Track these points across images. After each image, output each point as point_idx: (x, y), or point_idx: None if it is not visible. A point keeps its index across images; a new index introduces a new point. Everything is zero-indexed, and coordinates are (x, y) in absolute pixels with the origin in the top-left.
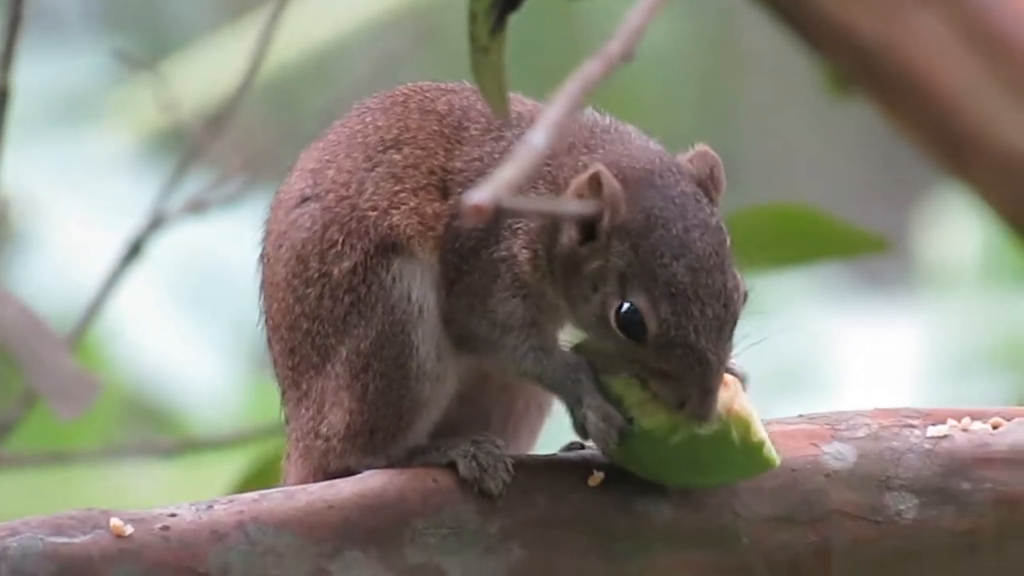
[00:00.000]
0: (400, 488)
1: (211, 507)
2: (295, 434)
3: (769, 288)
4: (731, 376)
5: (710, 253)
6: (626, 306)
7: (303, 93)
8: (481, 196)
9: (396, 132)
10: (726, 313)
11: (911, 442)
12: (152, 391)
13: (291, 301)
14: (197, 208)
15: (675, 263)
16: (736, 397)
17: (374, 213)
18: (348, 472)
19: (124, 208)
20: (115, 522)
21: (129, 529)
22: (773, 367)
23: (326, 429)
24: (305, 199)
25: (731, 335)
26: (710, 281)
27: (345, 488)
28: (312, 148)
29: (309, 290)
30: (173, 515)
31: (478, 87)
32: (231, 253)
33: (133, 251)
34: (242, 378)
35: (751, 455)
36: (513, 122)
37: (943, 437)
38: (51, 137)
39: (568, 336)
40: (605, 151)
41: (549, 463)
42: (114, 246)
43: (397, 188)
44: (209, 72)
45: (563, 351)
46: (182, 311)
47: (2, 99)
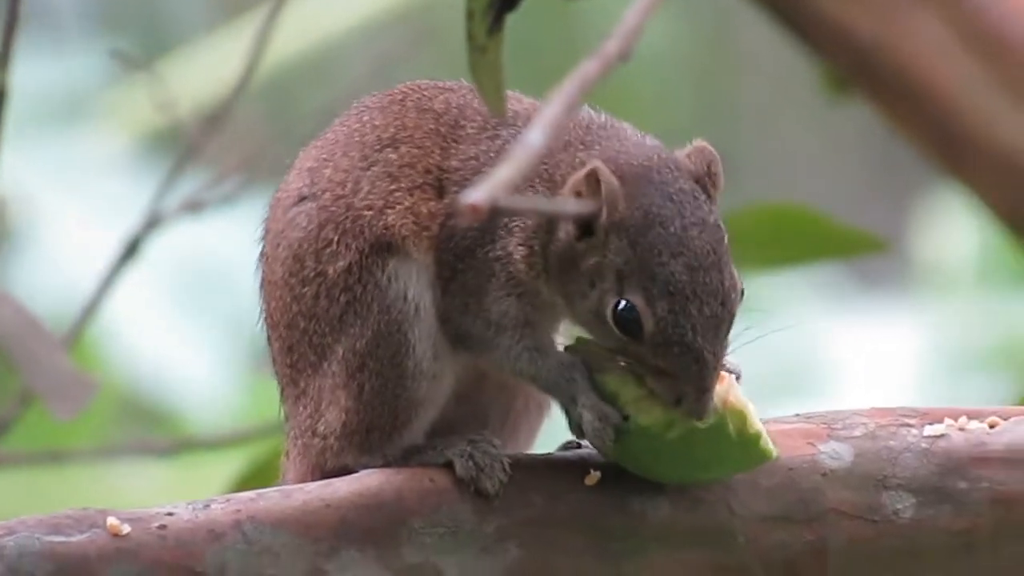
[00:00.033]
0: (397, 487)
1: (208, 506)
2: (293, 432)
3: (767, 288)
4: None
5: (708, 251)
6: (623, 304)
7: (300, 93)
8: (477, 195)
9: (393, 131)
10: (723, 311)
11: (908, 441)
12: (149, 390)
13: (288, 300)
14: (193, 208)
15: (673, 261)
16: (731, 389)
17: (369, 213)
18: (345, 470)
19: (121, 208)
20: (112, 521)
21: (126, 528)
22: (770, 367)
23: (323, 427)
24: (302, 198)
25: (728, 333)
26: (707, 279)
27: (342, 487)
28: (311, 147)
29: (305, 289)
30: (170, 514)
31: (476, 86)
32: (227, 253)
33: (130, 251)
34: (238, 377)
35: (748, 447)
36: (510, 120)
37: (940, 436)
38: (48, 137)
39: (565, 335)
40: (602, 148)
41: (546, 462)
42: (111, 246)
43: (393, 187)
44: (206, 72)
45: (558, 351)
46: (178, 311)
47: None
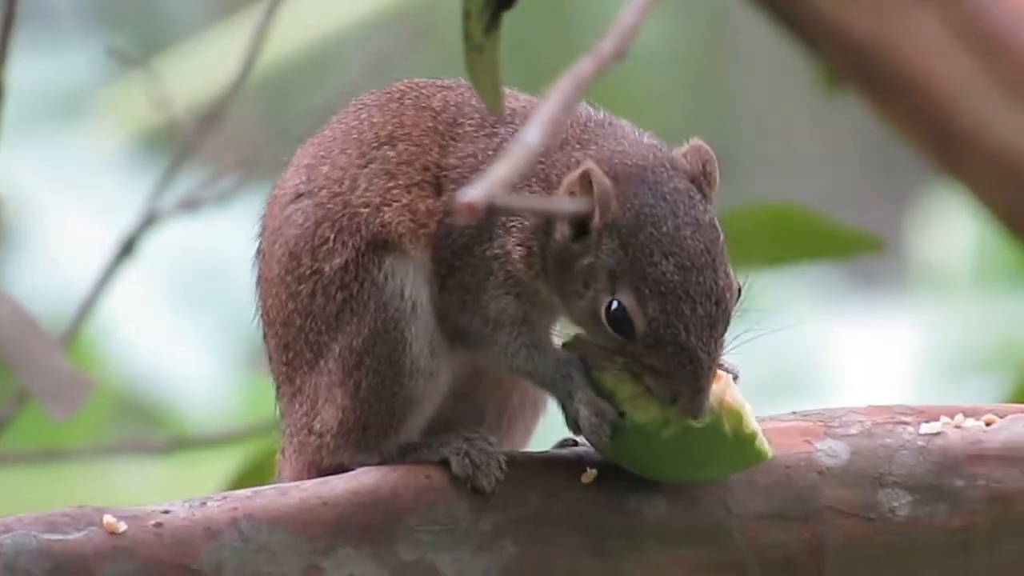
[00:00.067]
0: (393, 485)
1: (204, 504)
2: (289, 430)
3: (764, 288)
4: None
5: (701, 251)
6: (615, 304)
7: (296, 91)
8: (474, 194)
9: (391, 129)
10: (717, 311)
11: (904, 439)
12: (145, 389)
13: (284, 297)
14: (190, 206)
15: (664, 261)
16: (728, 389)
17: (366, 210)
18: (341, 468)
19: (117, 206)
20: (108, 519)
21: (123, 526)
22: (768, 368)
23: (319, 425)
24: (299, 195)
25: (723, 333)
26: (701, 279)
27: (338, 485)
28: (308, 144)
29: (302, 287)
30: (166, 512)
31: (473, 85)
32: (224, 251)
33: (126, 249)
34: (235, 376)
35: (743, 447)
36: (508, 118)
37: (936, 434)
38: (44, 135)
39: (562, 332)
40: (598, 147)
41: (542, 460)
42: (107, 244)
43: (390, 185)
44: (202, 69)
45: (555, 348)
46: (175, 309)
47: None
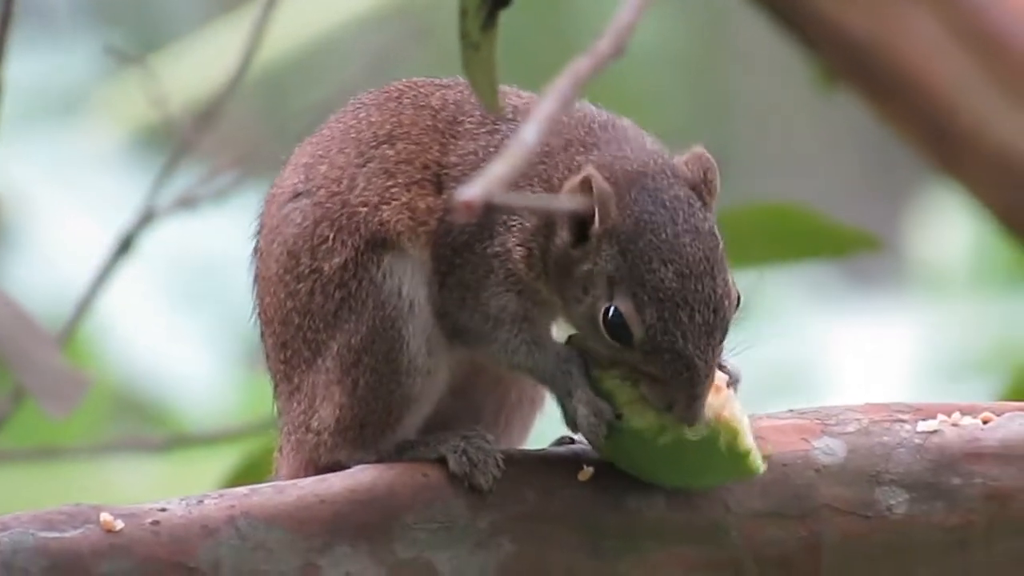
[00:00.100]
0: (390, 483)
1: (201, 502)
2: (287, 427)
3: (761, 288)
4: (723, 382)
5: (700, 259)
6: (612, 310)
7: (294, 89)
8: (472, 192)
9: (389, 127)
10: (715, 319)
11: (901, 437)
12: (142, 386)
13: (283, 296)
14: (187, 204)
15: (663, 268)
16: (727, 404)
17: (364, 209)
18: (339, 466)
19: (114, 203)
20: (105, 517)
21: (119, 524)
22: (765, 368)
23: (317, 423)
24: (297, 194)
25: (721, 341)
26: (699, 287)
27: (335, 483)
28: (306, 143)
29: (300, 285)
30: (163, 510)
31: (469, 83)
32: (221, 249)
33: (123, 247)
34: (232, 373)
35: (736, 462)
36: (509, 115)
37: (933, 432)
38: (41, 132)
39: (562, 330)
40: (600, 152)
41: (539, 458)
42: (104, 242)
43: (389, 183)
44: (200, 67)
45: (555, 344)
46: (172, 307)
47: None
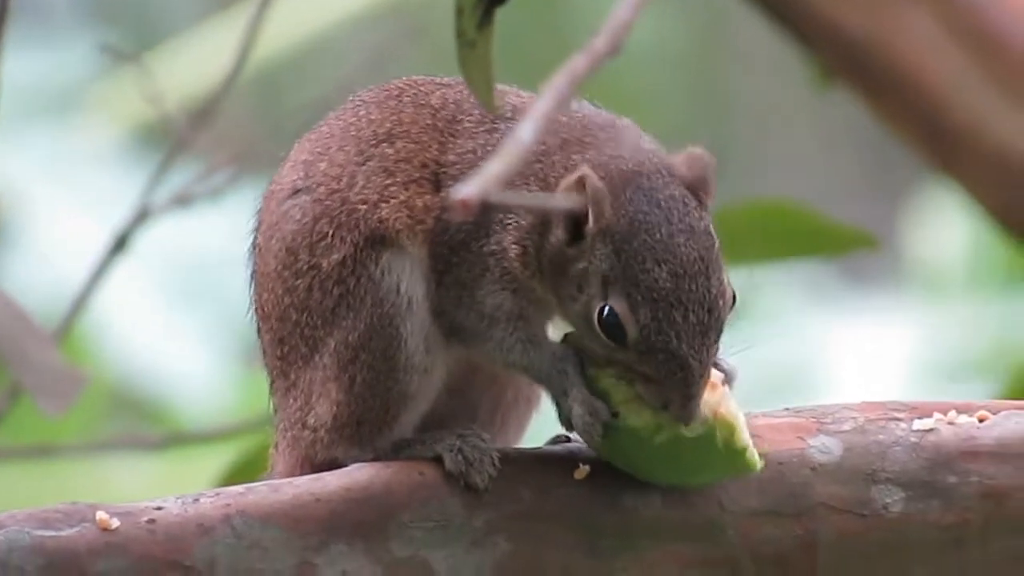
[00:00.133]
0: (386, 481)
1: (197, 500)
2: (283, 424)
3: (757, 288)
4: (719, 378)
5: (695, 259)
6: (607, 309)
7: (289, 87)
8: (468, 191)
9: (389, 126)
10: (710, 319)
11: (897, 435)
12: (139, 384)
13: (281, 292)
14: (183, 201)
15: (657, 268)
16: (723, 401)
17: (364, 206)
18: (335, 463)
19: (110, 201)
20: (101, 515)
21: (115, 523)
22: (761, 368)
23: (313, 420)
24: (296, 191)
25: (715, 341)
26: (693, 287)
27: (331, 481)
28: (306, 139)
29: (298, 282)
30: (159, 508)
31: (466, 81)
32: (218, 246)
33: (119, 244)
34: (228, 371)
35: (733, 458)
36: (507, 114)
37: (929, 430)
38: (38, 130)
39: (558, 328)
40: (596, 151)
41: (535, 456)
42: (100, 239)
43: (388, 182)
44: (196, 65)
45: (551, 343)
46: (169, 304)
47: None
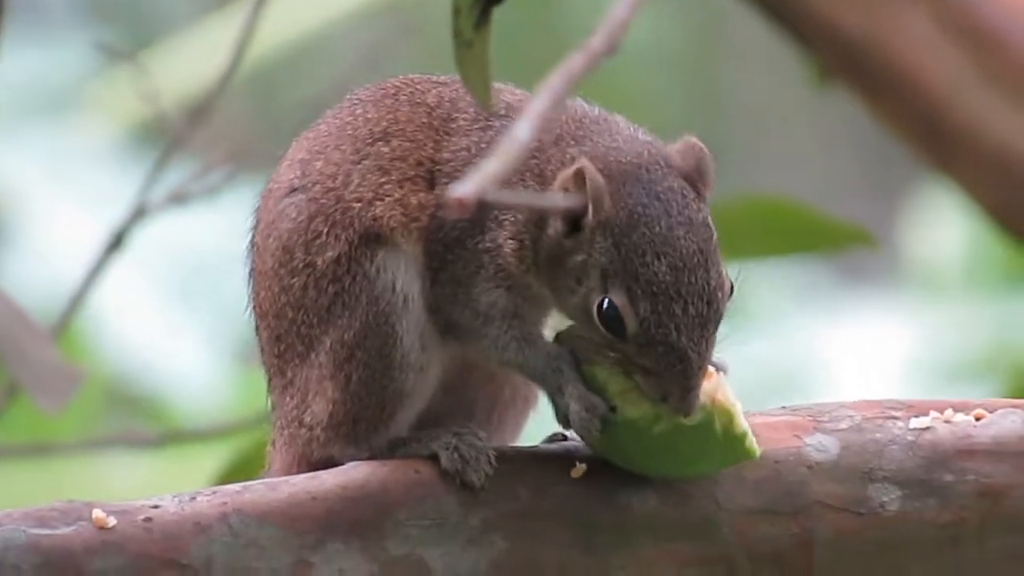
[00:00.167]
0: (383, 480)
1: (194, 499)
2: (280, 422)
3: (756, 288)
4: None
5: (694, 251)
6: (606, 302)
7: (284, 85)
8: (465, 189)
9: (385, 124)
10: (709, 311)
11: (894, 434)
12: (136, 382)
13: (277, 290)
14: (179, 199)
15: (657, 261)
16: (720, 388)
17: (358, 205)
18: (331, 461)
19: (107, 199)
20: (98, 514)
21: (112, 521)
22: (759, 369)
23: (310, 418)
24: (293, 190)
25: (714, 333)
26: (693, 279)
27: (328, 480)
28: (303, 138)
29: (294, 280)
30: (156, 507)
31: (462, 80)
32: (214, 244)
33: (116, 242)
34: (225, 369)
35: (733, 446)
36: (502, 111)
37: (926, 429)
38: (34, 128)
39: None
40: (592, 144)
41: (532, 455)
42: (97, 237)
43: (383, 180)
44: (191, 64)
45: (546, 341)
46: (166, 302)
47: None
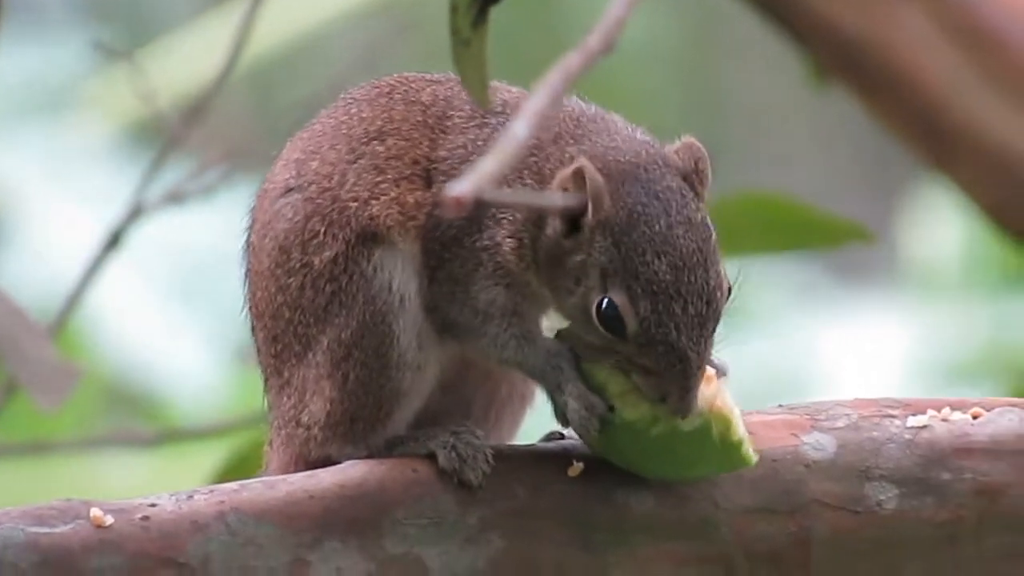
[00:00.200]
0: (380, 478)
1: (191, 497)
2: (277, 422)
3: (753, 288)
4: (713, 373)
5: (693, 250)
6: (606, 302)
7: (281, 84)
8: (462, 187)
9: (380, 123)
10: (708, 311)
11: (891, 432)
12: (133, 381)
13: (274, 290)
14: (176, 198)
15: (656, 261)
16: (719, 394)
17: (355, 204)
18: (328, 461)
19: (104, 198)
20: (96, 512)
21: (109, 519)
22: (757, 369)
23: (307, 417)
24: (289, 190)
25: (713, 332)
26: (692, 279)
27: (325, 478)
28: (298, 138)
29: (291, 280)
30: (153, 505)
31: (460, 79)
32: (211, 243)
33: (113, 241)
34: (223, 368)
35: (729, 452)
36: (498, 109)
37: (923, 427)
38: (31, 127)
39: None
40: (591, 143)
41: (529, 453)
42: (95, 236)
43: (379, 179)
44: (188, 62)
45: (545, 339)
46: (163, 301)
47: None
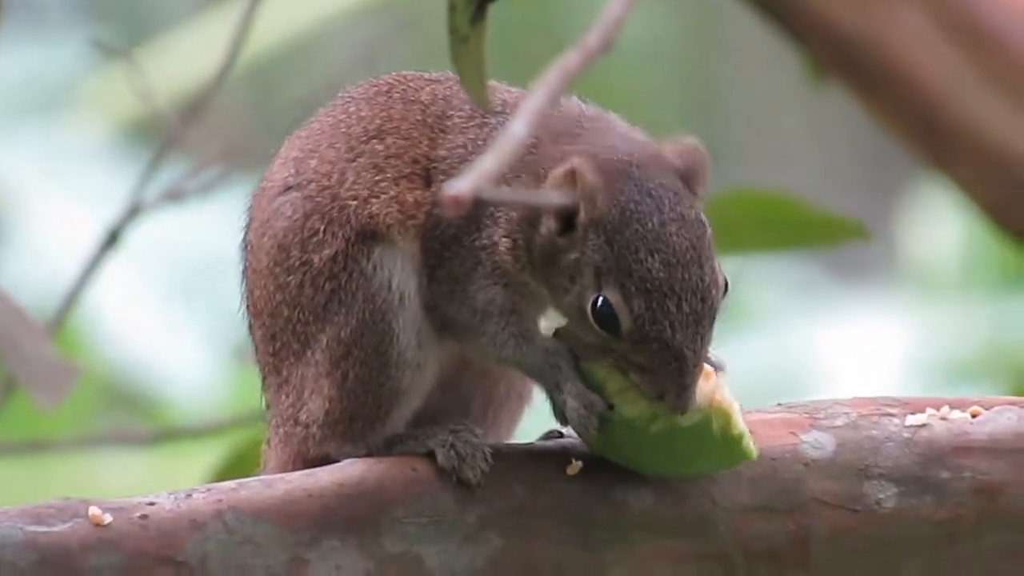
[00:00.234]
0: (379, 477)
1: (190, 496)
2: (275, 420)
3: (752, 286)
4: (711, 369)
5: (687, 247)
6: (600, 300)
7: (280, 83)
8: (460, 187)
9: (379, 122)
10: (703, 308)
11: (890, 431)
12: (131, 379)
13: (272, 289)
14: (174, 197)
15: (650, 258)
16: (718, 389)
17: (354, 202)
18: (327, 459)
19: (102, 196)
20: (94, 511)
21: (108, 518)
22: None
23: (305, 416)
24: (288, 188)
25: (709, 329)
26: (686, 276)
27: (324, 477)
28: (296, 137)
29: (290, 278)
30: (152, 504)
31: (458, 77)
32: (209, 242)
33: (111, 240)
34: (221, 366)
35: (730, 447)
36: (497, 108)
37: (922, 426)
38: (30, 126)
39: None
40: (587, 142)
41: (528, 452)
42: (93, 234)
43: (378, 178)
44: (187, 61)
45: (544, 337)
46: (161, 300)
47: None
